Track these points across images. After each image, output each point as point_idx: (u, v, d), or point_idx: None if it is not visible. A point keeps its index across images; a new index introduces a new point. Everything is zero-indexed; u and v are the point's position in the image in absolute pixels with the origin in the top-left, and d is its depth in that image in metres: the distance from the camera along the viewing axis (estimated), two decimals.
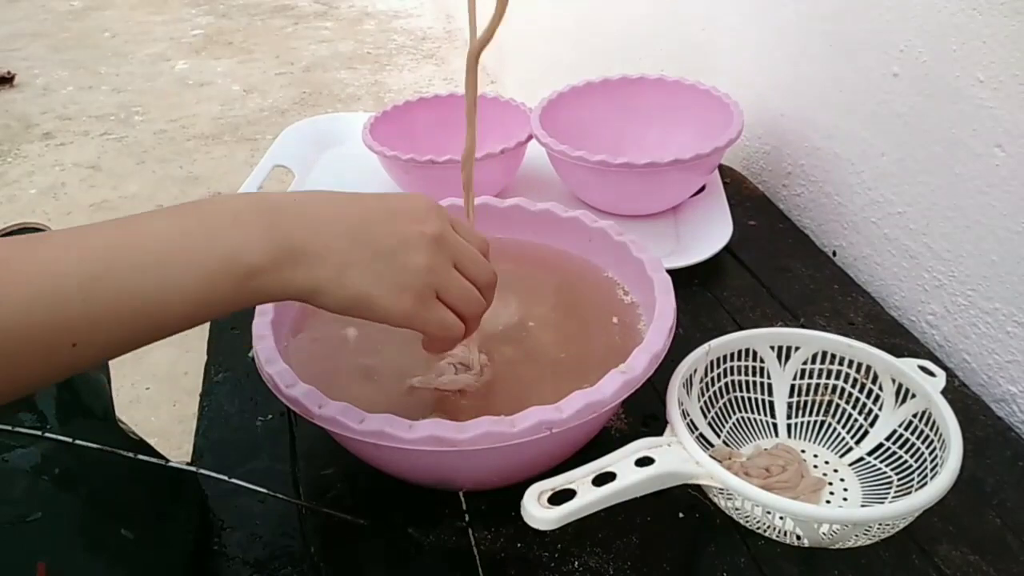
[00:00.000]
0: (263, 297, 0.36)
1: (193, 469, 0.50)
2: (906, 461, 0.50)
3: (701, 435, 0.53)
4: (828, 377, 0.56)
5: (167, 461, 0.45)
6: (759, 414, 0.57)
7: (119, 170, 2.33)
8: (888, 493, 0.50)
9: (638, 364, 0.47)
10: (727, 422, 0.56)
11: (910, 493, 0.45)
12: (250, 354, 0.67)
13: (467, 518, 0.52)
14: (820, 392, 0.56)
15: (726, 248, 0.76)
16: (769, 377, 0.57)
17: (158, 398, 1.47)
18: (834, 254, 0.84)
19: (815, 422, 0.56)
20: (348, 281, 0.38)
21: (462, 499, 0.53)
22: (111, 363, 0.56)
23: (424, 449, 0.43)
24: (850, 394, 0.55)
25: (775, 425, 0.57)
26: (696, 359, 0.53)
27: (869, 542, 0.45)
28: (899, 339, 0.68)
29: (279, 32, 3.33)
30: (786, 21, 0.86)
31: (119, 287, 0.32)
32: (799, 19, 0.84)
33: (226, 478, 0.53)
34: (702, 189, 0.86)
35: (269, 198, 0.37)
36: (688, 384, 0.52)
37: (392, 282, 0.39)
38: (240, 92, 2.70)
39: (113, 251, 0.33)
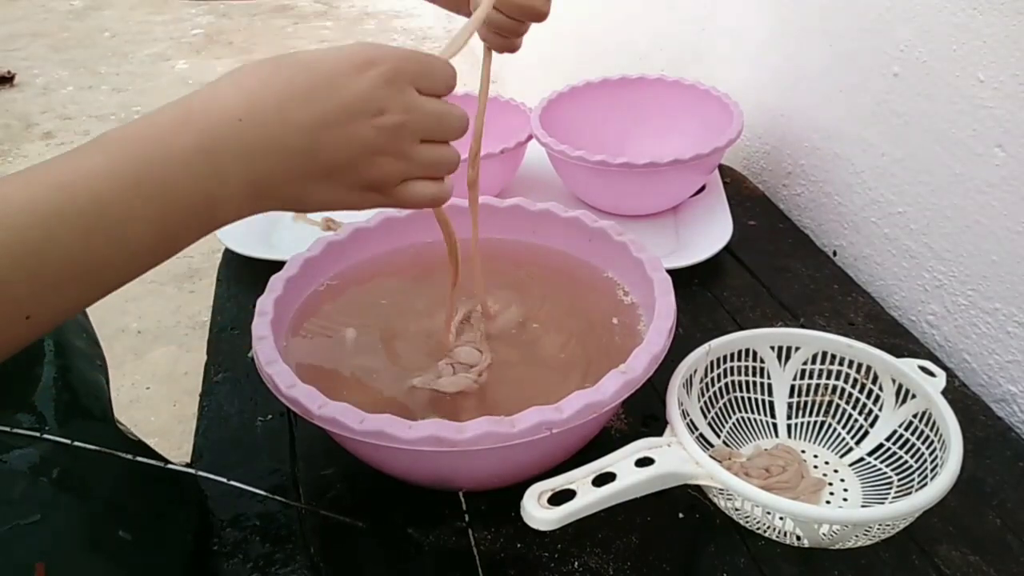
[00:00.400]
0: (226, 225, 0.36)
1: (192, 471, 0.50)
2: (906, 461, 0.50)
3: (701, 435, 0.53)
4: (828, 377, 0.56)
5: (166, 462, 0.45)
6: (759, 414, 0.57)
7: None
8: (888, 493, 0.50)
9: (638, 364, 0.47)
10: (727, 422, 0.56)
11: (910, 493, 0.45)
12: (250, 354, 0.66)
13: (467, 518, 0.52)
14: (820, 392, 0.56)
15: (726, 248, 0.76)
16: (769, 377, 0.57)
17: (158, 398, 1.48)
18: (834, 254, 0.84)
19: (815, 422, 0.56)
20: (311, 198, 0.37)
21: (462, 499, 0.53)
22: (110, 363, 0.56)
23: (424, 449, 0.43)
24: (850, 394, 0.55)
25: (775, 425, 0.57)
26: (696, 359, 0.53)
27: (869, 542, 0.45)
28: (899, 339, 0.68)
29: (279, 32, 3.33)
30: (786, 21, 0.86)
31: (67, 255, 0.31)
32: (799, 19, 0.84)
33: (225, 480, 0.53)
34: (702, 189, 0.86)
35: (210, 131, 0.33)
36: (688, 384, 0.52)
37: (355, 187, 0.38)
38: None
39: (58, 218, 0.30)
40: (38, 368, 0.48)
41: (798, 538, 0.45)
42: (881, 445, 0.53)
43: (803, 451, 0.55)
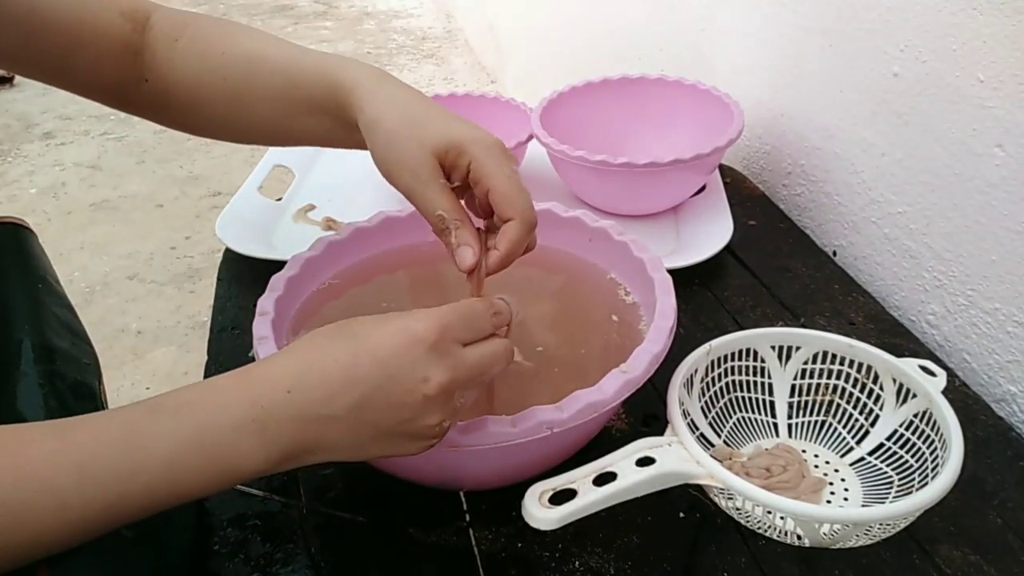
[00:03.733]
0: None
1: None
2: (907, 461, 0.50)
3: (702, 435, 0.53)
4: (829, 377, 0.56)
5: None
6: (760, 414, 0.57)
7: (119, 169, 2.33)
8: (889, 493, 0.50)
9: (639, 364, 0.47)
10: (728, 422, 0.56)
11: (911, 493, 0.45)
12: (251, 354, 0.67)
13: (467, 518, 0.52)
14: (821, 392, 0.56)
15: (726, 248, 0.76)
16: (770, 377, 0.57)
17: None
18: (834, 254, 0.84)
19: (816, 422, 0.56)
20: (358, 455, 0.39)
21: (462, 499, 0.53)
22: (111, 364, 0.56)
23: None
24: (851, 394, 0.55)
25: (776, 425, 0.57)
26: (697, 359, 0.53)
27: (870, 542, 0.45)
28: (900, 339, 0.68)
29: (279, 32, 3.33)
30: (786, 21, 0.86)
31: (122, 512, 0.35)
32: (799, 19, 0.84)
33: None
34: (702, 189, 0.86)
35: (261, 401, 0.36)
36: (689, 384, 0.52)
37: (403, 441, 0.39)
38: None
39: (119, 485, 0.34)
40: (14, 373, 0.47)
41: (799, 538, 0.45)
42: (882, 445, 0.53)
43: (804, 451, 0.55)
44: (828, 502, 0.51)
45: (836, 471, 0.53)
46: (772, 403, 0.57)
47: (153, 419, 0.35)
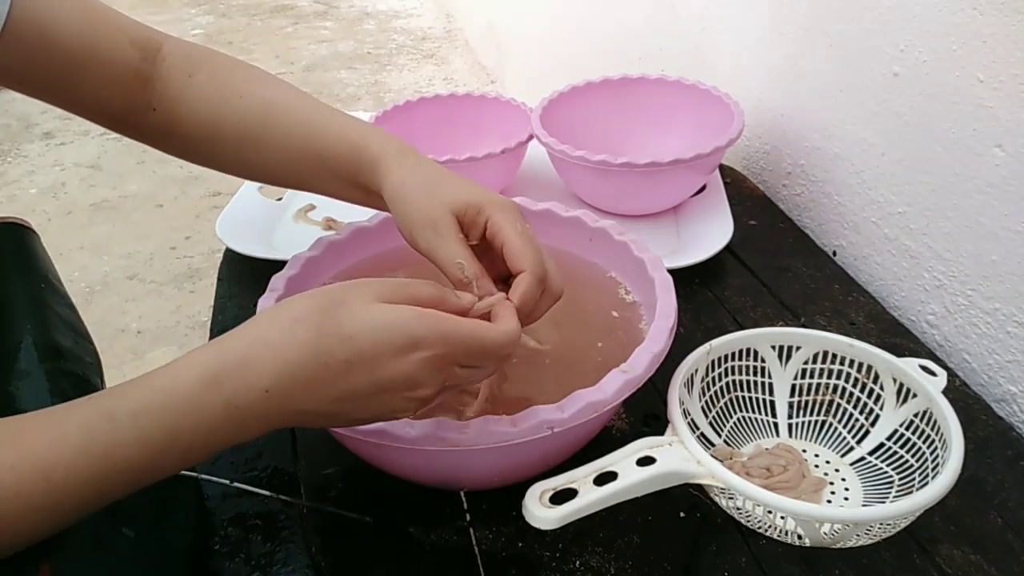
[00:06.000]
0: None
1: (194, 475, 0.50)
2: (907, 460, 0.50)
3: (702, 435, 0.53)
4: (829, 377, 0.56)
5: None
6: (760, 414, 0.57)
7: (119, 169, 2.33)
8: (889, 493, 0.50)
9: (639, 363, 0.47)
10: (728, 422, 0.56)
11: (911, 493, 0.45)
12: None
13: (468, 517, 0.52)
14: (821, 392, 0.56)
15: (727, 248, 0.76)
16: (770, 377, 0.57)
17: None
18: (834, 254, 0.84)
19: (816, 422, 0.56)
20: (333, 427, 0.41)
21: (463, 498, 0.53)
22: (111, 364, 0.56)
23: (425, 448, 0.43)
24: (851, 394, 0.55)
25: (776, 425, 0.57)
26: (697, 359, 0.53)
27: (870, 542, 0.45)
28: (900, 339, 0.68)
29: (279, 32, 3.33)
30: (786, 21, 0.86)
31: (103, 501, 0.35)
32: (799, 19, 0.84)
33: (228, 482, 0.53)
34: (703, 189, 0.86)
35: (236, 402, 0.35)
36: (689, 384, 0.52)
37: (374, 420, 0.40)
38: None
39: (97, 484, 0.34)
40: (17, 371, 0.47)
41: (799, 537, 0.45)
42: (882, 444, 0.53)
43: (804, 450, 0.55)
44: (828, 502, 0.51)
45: (836, 471, 0.53)
46: (772, 403, 0.57)
47: (112, 428, 0.34)
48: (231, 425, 0.35)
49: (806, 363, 0.56)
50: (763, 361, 0.56)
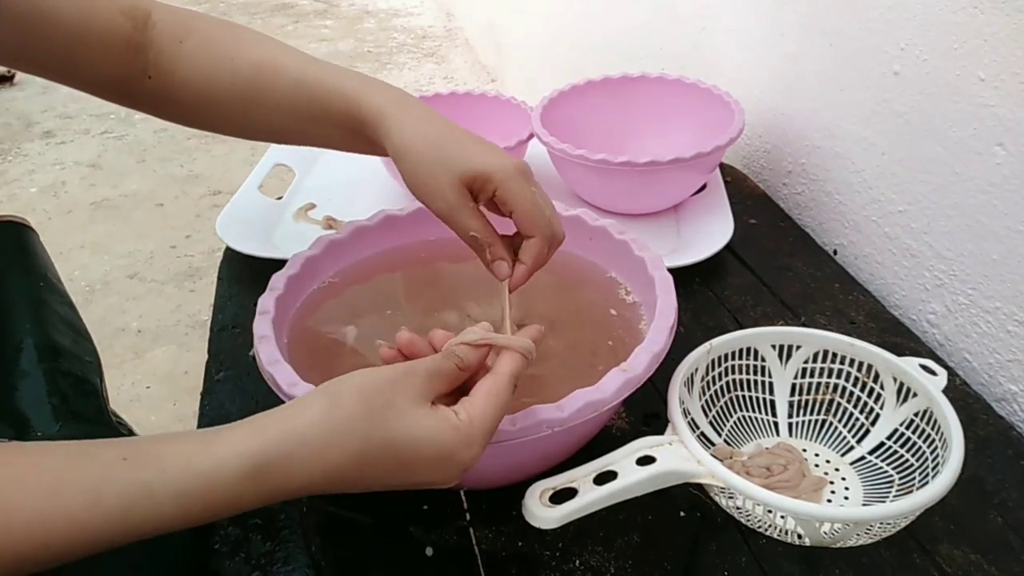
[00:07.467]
0: None
1: None
2: (907, 460, 0.50)
3: (702, 434, 0.53)
4: (829, 376, 0.56)
5: None
6: (760, 413, 0.57)
7: (120, 168, 2.33)
8: (889, 492, 0.50)
9: (639, 363, 0.47)
10: (728, 421, 0.56)
11: (911, 492, 0.45)
12: (251, 353, 0.67)
13: (468, 517, 0.52)
14: (821, 391, 0.56)
15: (727, 247, 0.76)
16: (770, 376, 0.57)
17: (158, 397, 1.48)
18: (835, 253, 0.84)
19: (816, 421, 0.56)
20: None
21: (463, 498, 0.53)
22: (111, 363, 0.56)
23: None
24: (851, 393, 0.55)
25: (776, 424, 0.57)
26: (697, 358, 0.53)
27: (870, 541, 0.45)
28: (900, 338, 0.68)
29: (279, 31, 3.33)
30: (786, 21, 0.86)
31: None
32: (799, 19, 0.84)
33: None
34: (703, 188, 0.86)
35: (274, 495, 0.35)
36: (689, 383, 0.52)
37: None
38: None
39: (122, 541, 0.34)
40: (17, 370, 0.47)
41: (799, 537, 0.45)
42: (882, 444, 0.53)
43: (804, 450, 0.55)
44: (828, 501, 0.51)
45: (836, 470, 0.53)
46: (772, 402, 0.57)
47: (153, 505, 0.34)
48: (263, 505, 0.36)
49: (806, 362, 0.56)
50: (763, 360, 0.56)
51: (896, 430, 0.52)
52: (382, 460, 0.36)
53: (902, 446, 0.51)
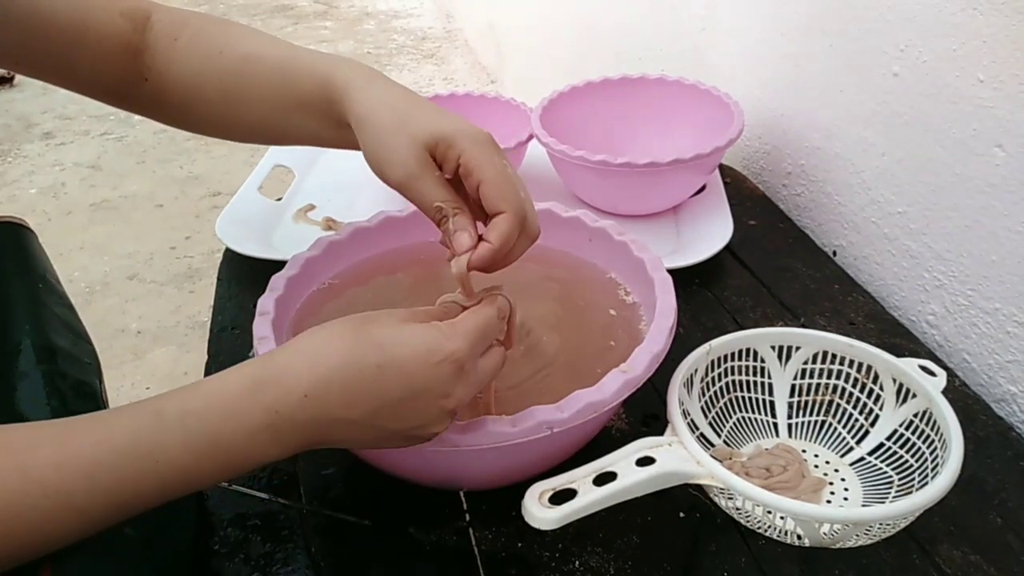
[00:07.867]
0: None
1: None
2: (907, 461, 0.50)
3: (702, 435, 0.53)
4: (829, 377, 0.56)
5: None
6: (760, 414, 0.57)
7: (119, 169, 2.33)
8: (889, 493, 0.50)
9: (639, 364, 0.47)
10: (728, 422, 0.56)
11: (911, 493, 0.45)
12: (251, 354, 0.67)
13: (468, 518, 0.52)
14: (821, 392, 0.56)
15: (726, 248, 0.76)
16: (770, 377, 0.57)
17: None
18: (834, 254, 0.84)
19: (816, 422, 0.56)
20: (362, 447, 0.44)
21: (463, 499, 0.53)
22: (110, 364, 0.56)
23: (425, 449, 0.43)
24: (851, 394, 0.55)
25: (776, 425, 0.57)
26: (697, 359, 0.53)
27: (870, 542, 0.45)
28: (900, 339, 0.68)
29: (279, 32, 3.33)
30: (786, 21, 0.86)
31: (135, 508, 0.36)
32: (799, 19, 0.84)
33: (227, 484, 0.53)
34: (702, 189, 0.86)
35: (276, 407, 0.36)
36: (689, 384, 0.52)
37: (407, 441, 0.41)
38: None
39: (130, 488, 0.35)
40: (15, 373, 0.47)
41: (799, 537, 0.45)
42: (882, 444, 0.53)
43: (804, 451, 0.55)
44: (828, 502, 0.51)
45: (836, 471, 0.53)
46: (772, 403, 0.57)
47: (160, 427, 0.35)
48: (269, 433, 0.36)
49: (806, 363, 0.56)
50: (763, 361, 0.56)
51: (895, 431, 0.52)
52: (373, 359, 0.37)
53: (901, 447, 0.51)
